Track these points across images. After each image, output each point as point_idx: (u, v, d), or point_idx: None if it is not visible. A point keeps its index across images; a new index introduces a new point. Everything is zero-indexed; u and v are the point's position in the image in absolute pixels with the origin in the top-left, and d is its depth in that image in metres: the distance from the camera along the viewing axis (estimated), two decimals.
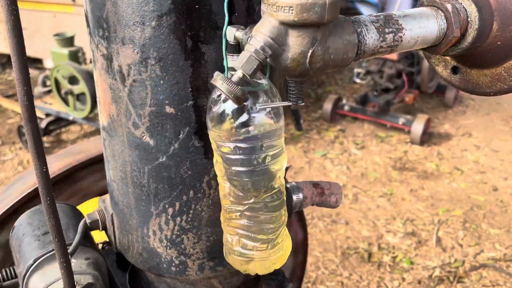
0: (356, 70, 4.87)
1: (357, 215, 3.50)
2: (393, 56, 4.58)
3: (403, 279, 2.93)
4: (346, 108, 4.86)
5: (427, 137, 4.55)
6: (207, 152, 0.88)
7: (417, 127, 4.38)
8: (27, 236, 1.02)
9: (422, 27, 0.76)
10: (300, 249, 1.81)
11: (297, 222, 1.75)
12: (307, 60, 0.66)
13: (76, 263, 0.96)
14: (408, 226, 3.39)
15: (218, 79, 0.66)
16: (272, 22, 0.64)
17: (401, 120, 4.54)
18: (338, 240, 3.26)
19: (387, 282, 2.91)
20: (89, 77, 3.97)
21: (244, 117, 0.74)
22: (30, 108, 0.66)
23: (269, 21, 0.65)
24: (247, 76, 0.66)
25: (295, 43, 0.65)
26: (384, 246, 3.20)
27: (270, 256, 0.85)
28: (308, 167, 4.15)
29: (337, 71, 6.28)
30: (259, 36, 0.65)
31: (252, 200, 0.80)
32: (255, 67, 0.65)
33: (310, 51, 0.65)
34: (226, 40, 0.75)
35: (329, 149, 4.45)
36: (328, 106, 4.86)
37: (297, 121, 4.56)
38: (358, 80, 4.88)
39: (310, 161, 4.24)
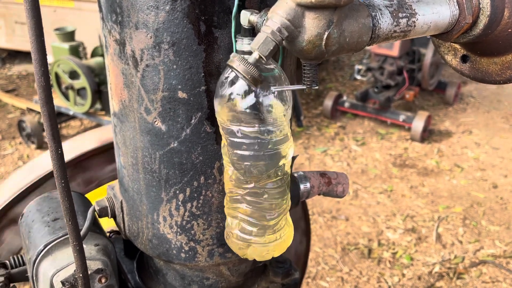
0: (357, 66, 4.87)
1: (357, 211, 3.50)
2: (394, 52, 4.58)
3: (403, 275, 2.94)
4: (347, 104, 4.87)
5: (428, 134, 4.56)
6: (218, 138, 0.88)
7: (418, 124, 4.39)
8: (37, 223, 1.02)
9: (435, 12, 0.76)
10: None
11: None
12: (323, 42, 0.66)
13: (86, 248, 0.96)
14: (408, 222, 3.39)
15: (235, 60, 0.66)
16: (289, 3, 0.65)
17: (402, 117, 4.54)
18: (338, 236, 3.27)
19: (387, 278, 2.92)
20: (89, 72, 3.97)
21: (251, 101, 0.74)
22: (47, 89, 0.66)
23: (286, 2, 0.65)
24: (263, 58, 0.66)
25: (312, 25, 0.65)
26: (384, 242, 3.21)
27: (267, 243, 0.85)
28: (309, 163, 4.15)
29: (337, 67, 6.29)
30: (276, 17, 0.65)
31: (252, 185, 0.80)
32: (271, 48, 0.65)
33: (326, 33, 0.65)
34: (236, 23, 0.74)
35: (330, 145, 4.46)
36: (328, 102, 4.87)
37: (298, 118, 4.57)
38: (358, 77, 4.89)
39: (310, 157, 4.24)
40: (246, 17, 0.74)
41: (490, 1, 0.79)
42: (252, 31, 0.74)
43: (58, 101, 4.37)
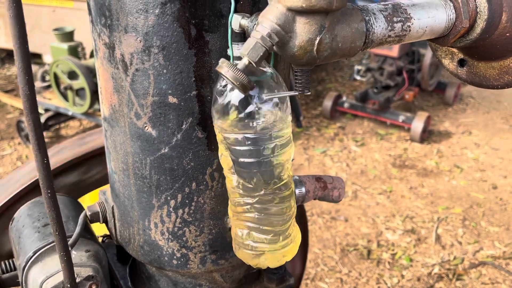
0: (357, 67, 4.86)
1: (357, 212, 3.49)
2: (394, 53, 4.57)
3: (402, 276, 2.93)
4: (346, 105, 4.85)
5: (427, 135, 4.54)
6: (210, 143, 0.86)
7: (417, 124, 4.37)
8: (27, 228, 1.01)
9: (431, 16, 0.75)
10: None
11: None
12: (315, 48, 0.64)
13: (77, 255, 0.95)
14: (408, 223, 3.38)
15: (223, 66, 0.65)
16: (279, 8, 0.63)
17: (401, 118, 4.53)
18: (338, 237, 3.26)
19: (386, 279, 2.91)
20: (88, 72, 3.96)
21: (251, 107, 0.72)
22: (31, 98, 0.65)
23: (276, 7, 0.63)
24: (253, 64, 0.64)
25: (303, 30, 0.63)
26: (383, 243, 3.20)
27: (281, 248, 0.84)
28: (308, 164, 4.14)
29: (337, 67, 6.27)
30: (266, 22, 0.63)
31: (262, 192, 0.79)
32: (261, 54, 0.64)
33: (318, 38, 0.64)
34: (232, 28, 0.73)
35: (329, 146, 4.44)
36: (328, 103, 4.85)
37: (297, 118, 4.55)
38: (358, 77, 4.87)
39: (309, 158, 4.23)
40: (238, 21, 0.72)
41: (488, 5, 0.78)
42: (243, 35, 0.73)
43: (57, 101, 4.35)
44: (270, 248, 0.83)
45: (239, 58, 0.73)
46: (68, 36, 4.29)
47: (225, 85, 0.74)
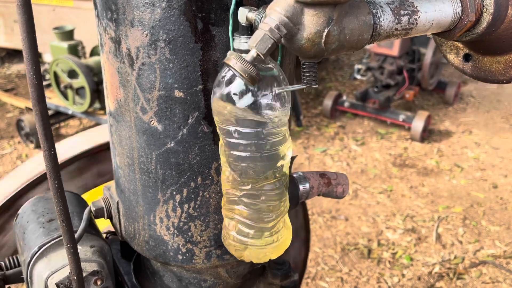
0: (357, 66, 4.86)
1: (357, 211, 3.49)
2: (394, 52, 4.57)
3: (403, 275, 2.93)
4: (346, 104, 4.85)
5: (427, 134, 4.55)
6: (216, 138, 0.86)
7: (418, 124, 4.38)
8: (32, 224, 1.01)
9: (437, 10, 0.75)
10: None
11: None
12: (323, 40, 0.64)
13: (82, 250, 0.95)
14: (408, 222, 3.38)
15: (231, 58, 0.65)
16: (287, 0, 0.63)
17: (402, 117, 4.53)
18: (338, 236, 3.26)
19: (386, 278, 2.91)
20: (88, 71, 3.95)
21: (248, 101, 0.72)
22: (39, 88, 0.64)
23: None
24: (261, 56, 0.64)
25: (311, 22, 0.63)
26: (384, 242, 3.20)
27: (265, 245, 0.84)
28: (308, 163, 4.14)
29: (337, 67, 6.28)
30: (274, 14, 0.63)
31: (249, 187, 0.78)
32: (269, 46, 0.64)
33: (326, 30, 0.64)
34: (234, 20, 0.73)
35: (329, 145, 4.44)
36: (328, 102, 4.85)
37: (297, 117, 4.55)
38: (358, 77, 4.87)
39: (310, 157, 4.23)
40: (244, 14, 0.72)
41: None
42: (250, 29, 0.73)
43: (57, 100, 4.35)
44: (252, 243, 0.83)
45: (242, 52, 0.73)
46: (68, 35, 4.29)
47: (224, 76, 0.73)
